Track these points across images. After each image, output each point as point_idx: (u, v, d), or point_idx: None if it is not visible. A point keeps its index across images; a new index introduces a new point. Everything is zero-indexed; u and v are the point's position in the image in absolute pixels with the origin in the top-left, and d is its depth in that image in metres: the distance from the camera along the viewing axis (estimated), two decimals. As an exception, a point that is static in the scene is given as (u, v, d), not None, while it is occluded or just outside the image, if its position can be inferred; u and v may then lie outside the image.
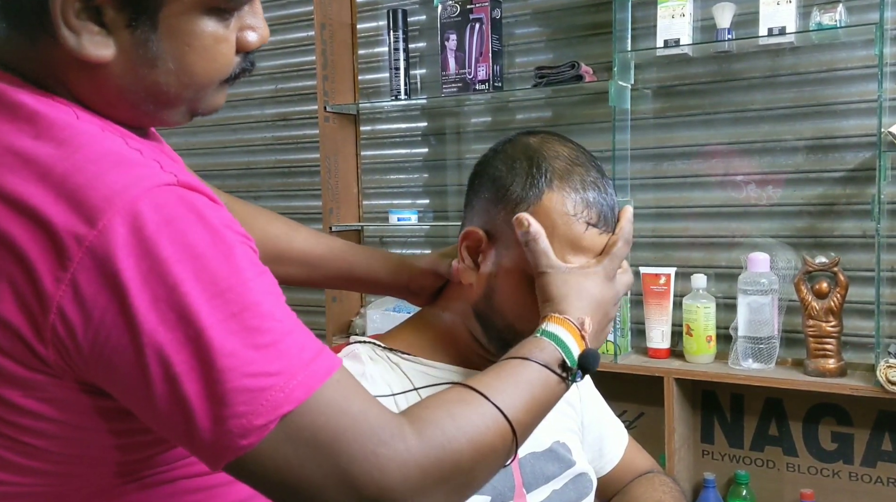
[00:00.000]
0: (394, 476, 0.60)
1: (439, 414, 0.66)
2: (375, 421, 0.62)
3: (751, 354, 1.75)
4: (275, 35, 2.52)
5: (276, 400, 0.58)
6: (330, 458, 0.59)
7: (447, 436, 0.64)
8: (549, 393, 0.75)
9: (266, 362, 0.58)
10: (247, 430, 0.57)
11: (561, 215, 0.85)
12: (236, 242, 0.61)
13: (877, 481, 1.77)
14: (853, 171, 1.79)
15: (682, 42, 1.78)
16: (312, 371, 0.60)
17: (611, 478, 1.13)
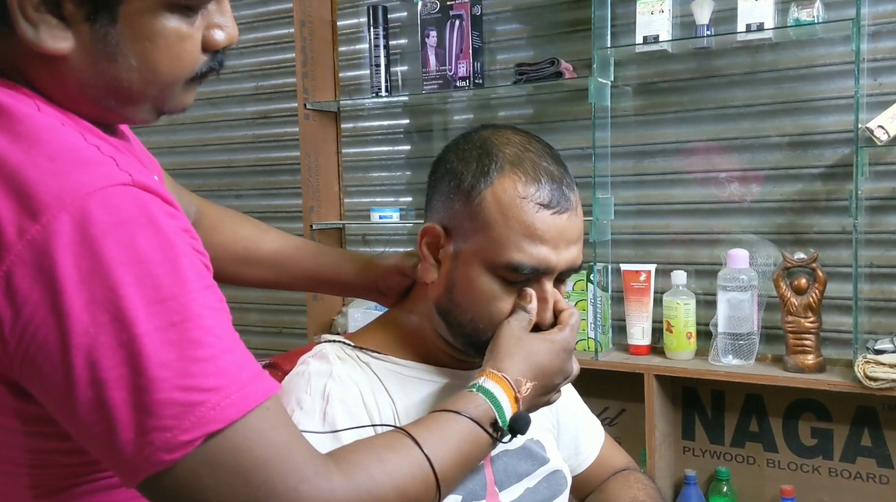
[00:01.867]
0: None
1: (368, 457, 0.65)
2: (301, 457, 0.60)
3: (731, 350, 1.75)
4: (255, 32, 2.50)
5: (206, 417, 0.56)
6: (249, 488, 0.58)
7: (374, 481, 0.64)
8: (478, 450, 0.75)
9: (202, 377, 0.56)
10: (171, 445, 0.55)
11: (512, 198, 0.84)
12: (186, 252, 0.60)
13: (856, 476, 1.77)
14: (831, 168, 1.79)
15: (662, 38, 1.78)
16: (248, 392, 0.58)
17: (587, 476, 1.13)
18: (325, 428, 0.82)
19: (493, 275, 0.85)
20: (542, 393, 0.83)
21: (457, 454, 0.72)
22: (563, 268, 0.87)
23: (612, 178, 1.98)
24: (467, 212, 0.86)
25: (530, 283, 0.86)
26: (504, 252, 0.83)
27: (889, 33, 1.73)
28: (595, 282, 1.89)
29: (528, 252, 0.84)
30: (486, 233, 0.84)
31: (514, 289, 0.86)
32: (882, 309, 1.77)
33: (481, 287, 0.85)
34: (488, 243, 0.84)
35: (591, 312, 1.91)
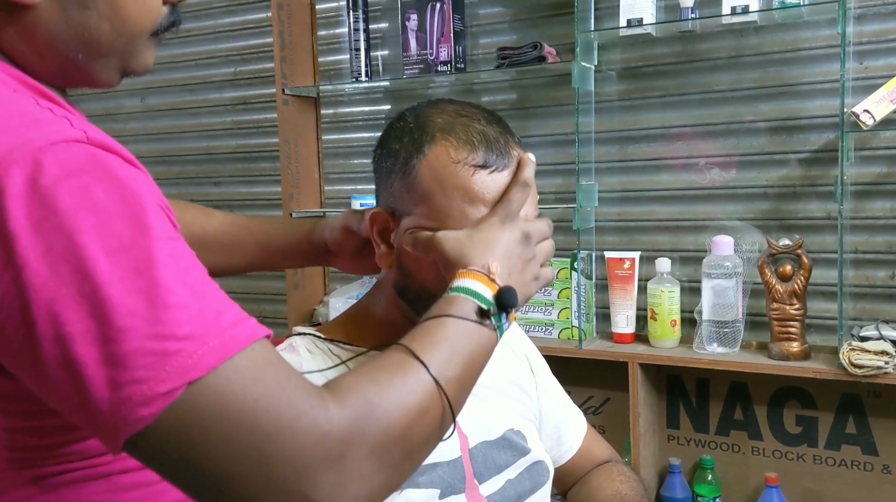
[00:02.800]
0: (313, 452, 0.55)
1: (361, 381, 0.61)
2: (294, 392, 0.56)
3: (715, 338, 1.73)
4: (232, 16, 2.46)
5: (184, 365, 0.52)
6: (241, 433, 0.54)
7: (371, 403, 0.59)
8: (474, 345, 0.70)
9: (175, 324, 0.53)
10: (148, 398, 0.52)
11: (446, 166, 0.81)
12: (150, 203, 0.56)
13: (841, 464, 1.77)
14: (817, 153, 1.77)
15: (646, 21, 1.75)
16: (229, 338, 0.55)
17: (569, 468, 1.11)
18: None
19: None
20: (515, 267, 0.77)
21: (451, 354, 0.67)
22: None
23: (596, 165, 1.95)
24: (406, 189, 0.83)
25: None
26: (446, 222, 0.80)
27: (875, 16, 1.70)
28: (579, 269, 1.87)
29: (471, 217, 0.80)
30: (426, 206, 0.81)
31: None
32: (867, 295, 1.76)
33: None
34: (430, 214, 0.81)
35: (574, 300, 1.88)
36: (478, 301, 0.71)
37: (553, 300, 1.93)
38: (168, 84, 2.58)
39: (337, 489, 0.56)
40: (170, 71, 2.57)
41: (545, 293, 1.93)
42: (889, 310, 1.73)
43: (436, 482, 0.86)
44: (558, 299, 1.92)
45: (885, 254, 1.74)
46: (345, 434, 0.57)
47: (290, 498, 0.54)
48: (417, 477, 0.85)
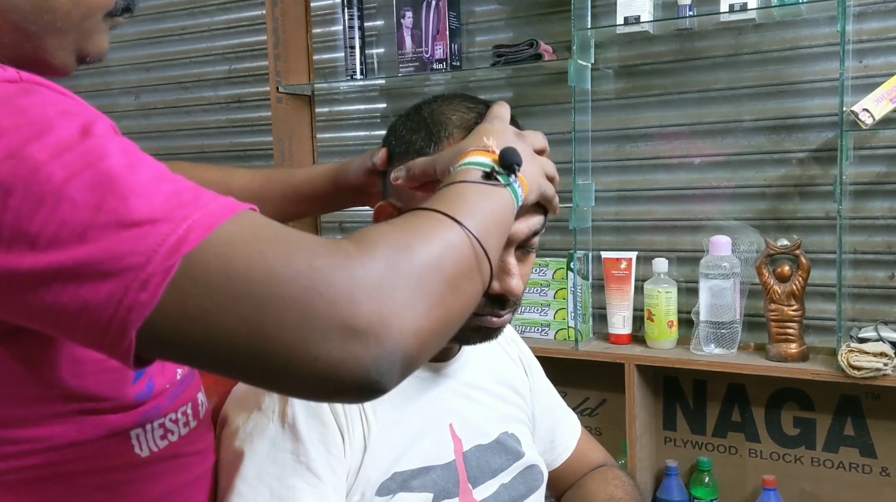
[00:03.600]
0: (344, 283, 0.50)
1: (384, 229, 0.57)
2: (303, 237, 0.53)
3: (713, 339, 1.71)
4: (227, 13, 2.44)
5: (170, 243, 0.49)
6: (254, 286, 0.49)
7: (385, 237, 0.55)
8: (488, 201, 0.66)
9: (148, 209, 0.50)
10: (142, 282, 0.49)
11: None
12: (91, 112, 0.55)
13: (839, 466, 1.75)
14: (816, 152, 1.76)
15: (643, 19, 1.74)
16: (214, 209, 0.52)
17: (563, 471, 1.10)
18: (286, 430, 0.78)
19: None
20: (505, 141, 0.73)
21: (468, 205, 0.63)
22: (522, 235, 0.81)
23: (593, 164, 1.93)
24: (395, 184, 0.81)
25: None
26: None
27: (875, 14, 1.69)
28: (575, 270, 1.85)
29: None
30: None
31: None
32: (866, 296, 1.74)
33: None
34: None
35: (571, 301, 1.87)
36: (481, 168, 0.68)
37: (549, 301, 1.91)
38: (162, 82, 2.56)
39: (381, 317, 0.51)
40: (164, 69, 2.55)
41: (541, 294, 1.91)
42: (888, 311, 1.72)
43: (429, 486, 0.85)
44: (554, 300, 1.90)
45: (884, 255, 1.72)
46: (378, 271, 0.52)
47: (332, 333, 0.50)
48: (411, 481, 0.84)
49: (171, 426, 0.71)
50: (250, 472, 0.77)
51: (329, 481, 0.78)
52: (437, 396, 0.90)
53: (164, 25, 2.54)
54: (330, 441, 0.79)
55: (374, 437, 0.82)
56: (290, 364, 0.50)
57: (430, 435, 0.87)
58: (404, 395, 0.87)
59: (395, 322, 0.51)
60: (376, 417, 0.83)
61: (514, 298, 0.82)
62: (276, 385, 0.54)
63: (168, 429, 0.70)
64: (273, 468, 0.77)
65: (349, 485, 0.81)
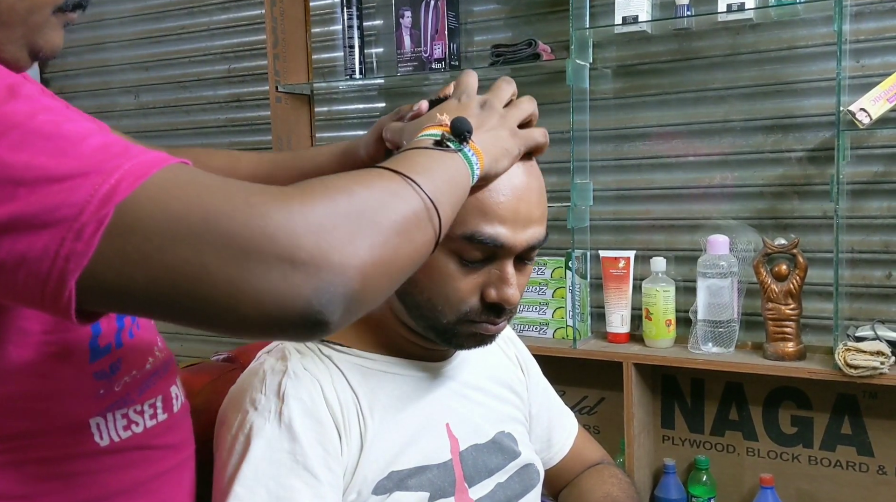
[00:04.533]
0: (282, 217, 0.51)
1: (317, 177, 0.58)
2: (240, 182, 0.54)
3: (710, 338, 1.72)
4: (226, 13, 2.44)
5: (102, 193, 0.50)
6: (192, 225, 0.50)
7: (325, 183, 0.56)
8: (435, 161, 0.66)
9: (76, 163, 0.50)
10: (77, 231, 0.49)
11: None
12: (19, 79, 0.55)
13: (836, 464, 1.76)
14: (813, 151, 1.76)
15: (641, 19, 1.74)
16: (145, 160, 0.52)
17: (560, 469, 1.10)
18: (282, 429, 0.78)
19: (449, 251, 0.80)
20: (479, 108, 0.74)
21: (410, 162, 0.63)
22: (522, 247, 0.81)
23: (591, 163, 1.94)
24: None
25: (490, 263, 0.81)
26: (457, 224, 0.77)
27: (871, 14, 1.69)
28: (573, 269, 1.86)
29: (484, 225, 0.78)
30: None
31: (473, 270, 0.81)
32: (863, 295, 1.75)
33: (437, 264, 0.80)
34: None
35: (569, 300, 1.87)
36: (432, 138, 0.69)
37: (548, 299, 1.91)
38: (162, 81, 2.57)
39: (321, 250, 0.51)
40: (163, 68, 2.56)
41: (540, 292, 1.92)
42: (885, 310, 1.72)
43: (425, 485, 0.85)
44: (553, 298, 1.91)
45: (881, 254, 1.73)
46: (315, 205, 0.53)
47: (273, 265, 0.50)
48: (407, 480, 0.84)
49: (135, 417, 0.70)
50: (247, 473, 0.76)
51: (326, 480, 0.78)
52: (434, 396, 0.90)
53: (164, 25, 2.55)
54: (326, 440, 0.79)
55: (370, 436, 0.83)
56: (234, 299, 0.50)
57: (427, 434, 0.87)
58: (401, 395, 0.87)
59: (335, 255, 0.52)
60: (373, 417, 0.84)
61: (510, 307, 0.82)
62: (223, 323, 0.53)
63: (132, 420, 0.69)
64: (270, 468, 0.77)
65: (345, 484, 0.81)
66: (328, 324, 0.52)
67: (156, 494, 0.72)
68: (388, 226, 0.56)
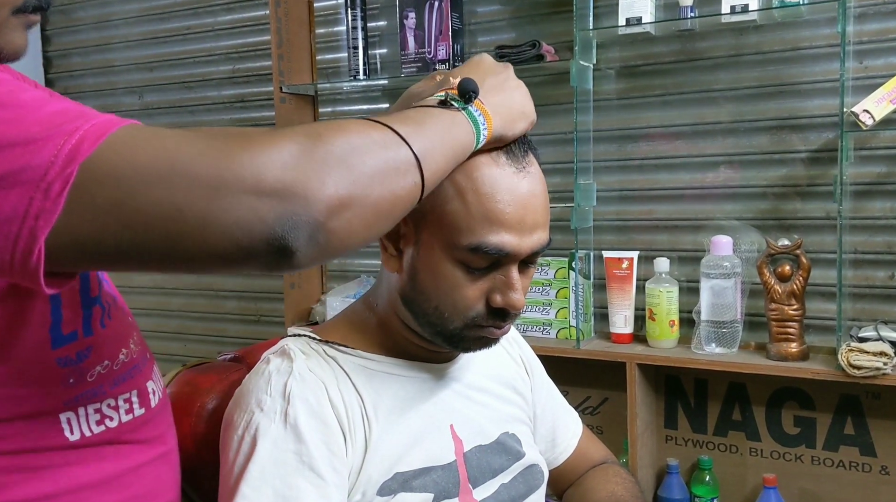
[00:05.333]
0: (251, 155, 0.52)
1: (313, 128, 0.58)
2: (199, 129, 0.55)
3: (714, 338, 1.72)
4: (231, 14, 2.45)
5: (65, 154, 0.51)
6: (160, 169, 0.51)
7: (295, 128, 0.57)
8: (433, 118, 0.66)
9: (35, 127, 0.51)
10: (45, 191, 0.50)
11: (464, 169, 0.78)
12: None
13: (839, 465, 1.76)
14: (817, 152, 1.77)
15: (645, 20, 1.74)
16: (104, 120, 0.53)
17: (564, 469, 1.11)
18: (288, 430, 0.79)
19: (454, 260, 0.81)
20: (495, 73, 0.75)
21: (412, 121, 0.64)
22: (526, 253, 0.82)
23: (595, 163, 1.94)
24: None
25: (494, 271, 0.82)
26: (464, 234, 0.79)
27: (875, 15, 1.69)
28: (577, 269, 1.86)
29: (490, 233, 0.79)
30: (442, 209, 0.80)
31: (479, 277, 0.82)
32: (866, 295, 1.75)
33: (444, 273, 0.81)
34: (446, 222, 0.80)
35: (572, 300, 1.88)
36: (441, 98, 0.69)
37: (551, 300, 1.92)
38: (166, 81, 2.57)
39: (285, 183, 0.53)
40: (168, 68, 2.57)
41: (543, 293, 1.92)
42: (888, 310, 1.72)
43: (429, 486, 0.86)
44: (556, 299, 1.91)
45: (885, 255, 1.73)
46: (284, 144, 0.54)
47: (241, 197, 0.52)
48: (412, 482, 0.85)
49: (108, 411, 0.70)
50: (254, 473, 0.77)
51: (332, 481, 0.79)
52: (438, 397, 0.91)
53: (168, 25, 2.55)
54: (332, 440, 0.80)
55: (375, 438, 0.83)
56: (205, 231, 0.52)
57: (431, 435, 0.88)
58: (406, 397, 0.88)
59: (298, 187, 0.53)
60: (377, 418, 0.84)
61: (515, 311, 0.83)
62: (195, 258, 0.54)
63: (106, 415, 0.69)
64: (276, 468, 0.78)
65: (350, 485, 0.82)
66: (293, 251, 0.54)
67: (129, 488, 0.72)
68: (360, 168, 0.57)
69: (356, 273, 2.30)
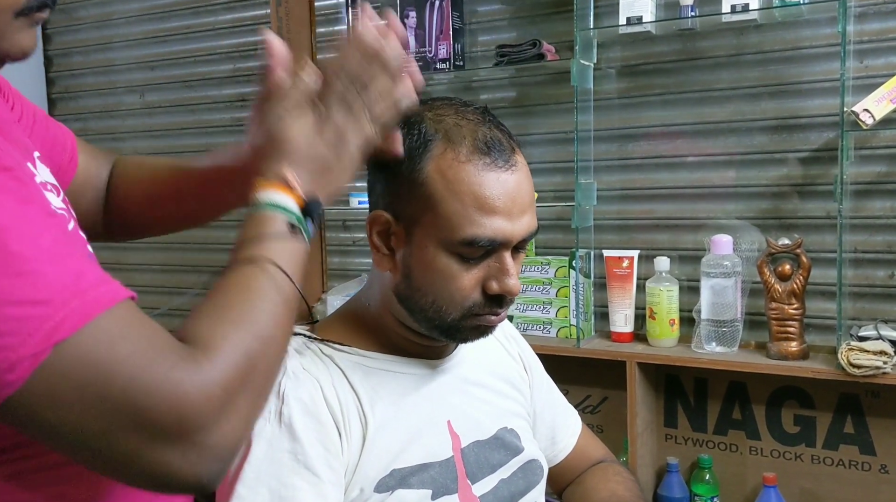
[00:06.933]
0: (196, 397, 0.55)
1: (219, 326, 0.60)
2: (164, 345, 0.56)
3: (714, 338, 1.73)
4: (232, 13, 2.45)
5: (46, 328, 0.52)
6: (114, 390, 0.53)
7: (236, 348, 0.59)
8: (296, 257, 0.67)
9: (33, 289, 0.52)
10: (13, 363, 0.51)
11: (455, 169, 0.80)
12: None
13: (839, 463, 1.76)
14: (817, 152, 1.77)
15: (645, 20, 1.75)
16: (91, 299, 0.54)
17: (564, 467, 1.11)
18: (282, 429, 0.79)
19: (449, 253, 0.82)
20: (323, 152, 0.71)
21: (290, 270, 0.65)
22: (518, 239, 0.83)
23: (595, 163, 1.94)
24: (412, 192, 0.82)
25: (488, 258, 0.83)
26: (457, 228, 0.80)
27: (875, 15, 1.70)
28: (577, 268, 1.87)
29: (482, 223, 0.80)
30: (435, 211, 0.81)
31: (472, 265, 0.83)
32: (866, 295, 1.75)
33: (439, 267, 0.82)
34: (440, 220, 0.81)
35: (573, 299, 1.88)
36: (286, 215, 0.67)
37: (551, 298, 1.92)
38: (167, 80, 2.57)
39: (220, 430, 0.57)
40: (169, 67, 2.57)
41: (543, 292, 1.93)
42: (888, 309, 1.73)
43: (427, 482, 0.86)
44: (557, 297, 1.91)
45: (885, 254, 1.73)
46: (219, 378, 0.57)
47: (176, 446, 0.55)
48: (409, 478, 0.85)
49: None
50: (249, 474, 0.77)
51: (328, 478, 0.79)
52: (434, 393, 0.91)
53: (169, 24, 2.56)
54: (327, 438, 0.80)
55: (371, 435, 0.83)
56: (133, 462, 0.55)
57: (429, 431, 0.88)
58: (402, 392, 0.88)
59: (227, 431, 0.57)
60: (374, 415, 0.84)
61: (511, 296, 0.84)
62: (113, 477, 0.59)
63: None
64: (272, 468, 0.78)
65: (347, 482, 0.82)
66: (207, 490, 0.59)
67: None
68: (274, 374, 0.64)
69: (357, 272, 2.30)
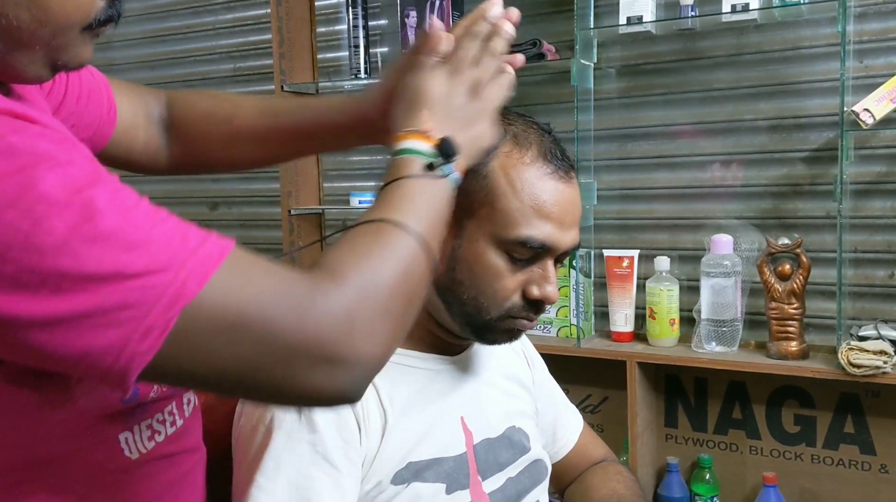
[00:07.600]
0: (328, 319, 0.57)
1: (350, 256, 0.62)
2: (286, 278, 0.58)
3: (714, 337, 1.73)
4: (232, 12, 2.45)
5: (169, 296, 0.53)
6: (249, 332, 0.55)
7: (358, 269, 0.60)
8: (431, 196, 0.68)
9: (147, 260, 0.53)
10: (144, 333, 0.53)
11: (519, 170, 0.84)
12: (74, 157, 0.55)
13: (839, 463, 1.76)
14: (817, 151, 1.77)
15: (646, 19, 1.75)
16: (204, 256, 0.55)
17: (564, 465, 1.11)
18: (302, 422, 0.80)
19: (499, 250, 0.84)
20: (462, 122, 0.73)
21: (416, 209, 0.66)
22: (565, 248, 0.86)
23: (595, 162, 1.94)
24: (473, 184, 0.83)
25: (534, 262, 0.85)
26: (513, 226, 0.83)
27: (875, 14, 1.70)
28: (577, 267, 1.87)
29: (537, 225, 0.83)
30: (493, 205, 0.83)
31: (518, 268, 0.85)
32: (866, 294, 1.75)
33: (487, 263, 0.84)
34: (496, 215, 0.83)
35: (573, 298, 1.88)
36: (421, 157, 0.69)
37: (551, 298, 1.92)
38: (167, 80, 2.57)
39: (355, 349, 0.58)
40: (169, 67, 2.57)
41: (543, 291, 1.92)
42: (888, 309, 1.73)
43: (442, 477, 0.87)
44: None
45: (885, 254, 1.73)
46: (350, 305, 0.58)
47: (317, 369, 0.57)
48: (424, 471, 0.86)
49: (158, 427, 0.72)
50: (269, 464, 0.78)
51: (346, 471, 0.80)
52: (448, 388, 0.92)
53: (169, 24, 2.56)
54: (346, 430, 0.81)
55: (390, 427, 0.84)
56: (282, 389, 0.58)
57: (443, 426, 0.89)
58: (421, 388, 0.89)
59: (365, 351, 0.59)
60: (393, 408, 0.85)
61: (550, 303, 0.87)
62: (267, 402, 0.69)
63: (155, 430, 0.71)
64: (291, 458, 0.79)
65: (365, 472, 0.83)
66: (355, 400, 0.62)
67: (178, 497, 0.74)
68: (405, 303, 0.63)
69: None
